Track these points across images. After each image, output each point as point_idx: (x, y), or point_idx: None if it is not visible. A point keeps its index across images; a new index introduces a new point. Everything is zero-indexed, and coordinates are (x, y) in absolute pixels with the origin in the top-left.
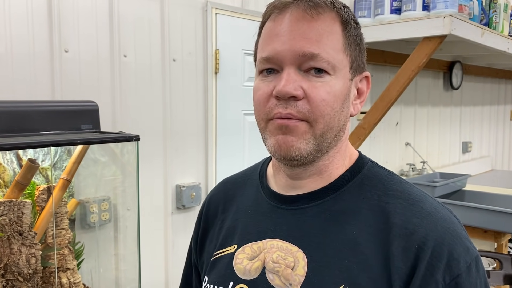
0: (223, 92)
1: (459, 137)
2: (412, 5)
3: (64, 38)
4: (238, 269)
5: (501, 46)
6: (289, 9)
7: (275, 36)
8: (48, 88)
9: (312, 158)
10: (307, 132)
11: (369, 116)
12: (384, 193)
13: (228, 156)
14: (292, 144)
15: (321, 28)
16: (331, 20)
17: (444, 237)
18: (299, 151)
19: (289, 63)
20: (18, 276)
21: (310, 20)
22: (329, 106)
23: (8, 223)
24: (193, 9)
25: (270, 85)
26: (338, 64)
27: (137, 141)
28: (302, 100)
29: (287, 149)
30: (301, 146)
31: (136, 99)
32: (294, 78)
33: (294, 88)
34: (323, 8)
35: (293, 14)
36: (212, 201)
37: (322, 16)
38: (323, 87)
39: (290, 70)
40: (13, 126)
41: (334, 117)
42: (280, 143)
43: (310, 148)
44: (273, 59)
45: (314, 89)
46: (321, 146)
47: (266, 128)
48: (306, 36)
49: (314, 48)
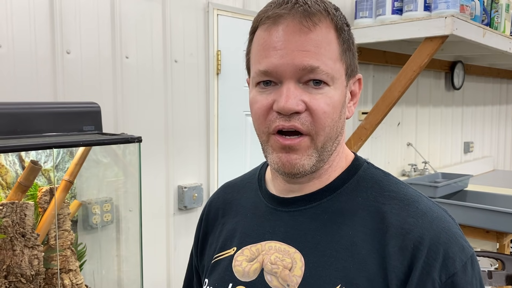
0: (224, 93)
1: (461, 137)
2: (414, 6)
3: (66, 39)
4: (237, 271)
5: (502, 46)
6: (285, 20)
7: (272, 49)
8: (50, 90)
9: (315, 169)
10: (309, 147)
11: (371, 117)
12: (380, 194)
13: (229, 157)
14: (296, 162)
15: (319, 40)
16: (326, 28)
17: (439, 236)
18: (303, 167)
19: (288, 76)
20: (21, 277)
21: (307, 32)
22: (330, 117)
23: (10, 225)
24: (195, 10)
25: (269, 98)
26: (336, 74)
27: (139, 143)
28: (305, 113)
29: (291, 167)
30: (304, 162)
31: (138, 100)
32: (294, 93)
33: (296, 103)
34: (318, 18)
35: (289, 26)
36: (213, 206)
37: (318, 27)
38: (323, 99)
39: (290, 85)
40: (15, 127)
41: (333, 127)
42: (283, 161)
43: (313, 162)
44: (271, 73)
45: (315, 101)
46: (323, 157)
47: (268, 142)
48: (305, 49)
49: (313, 61)
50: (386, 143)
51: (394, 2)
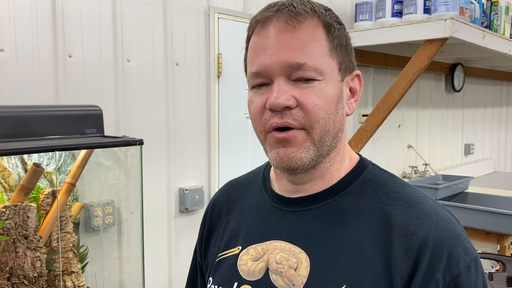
0: (225, 95)
1: (461, 139)
2: (413, 8)
3: (68, 43)
4: (242, 270)
5: (502, 48)
6: (272, 22)
7: (261, 50)
8: (52, 93)
9: (314, 163)
10: (305, 140)
11: (371, 119)
12: (385, 195)
13: (230, 159)
14: (293, 155)
15: (305, 37)
16: (313, 26)
17: (444, 238)
18: (300, 160)
19: (277, 74)
20: (24, 279)
21: (292, 30)
22: (322, 110)
23: (13, 227)
24: (196, 13)
25: (262, 98)
26: (325, 69)
27: (140, 145)
28: (296, 108)
29: (289, 161)
30: (302, 155)
31: (140, 103)
32: (284, 89)
33: (286, 98)
34: (304, 16)
35: (276, 27)
36: (217, 203)
37: (304, 24)
38: (313, 92)
39: (280, 82)
40: (18, 130)
41: (329, 119)
42: (281, 156)
43: (311, 155)
44: (262, 73)
45: (305, 95)
46: (321, 151)
47: (266, 140)
48: (291, 47)
49: (300, 57)
50: (386, 145)
51: (394, 5)
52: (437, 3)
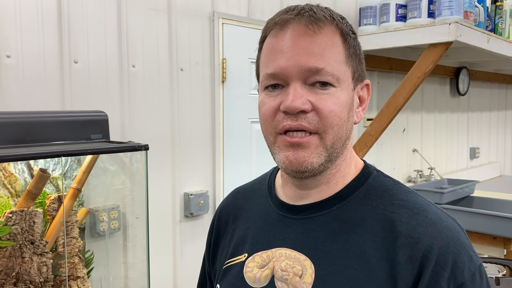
0: (230, 100)
1: (466, 143)
2: (418, 12)
3: (74, 49)
4: (248, 277)
5: (507, 52)
6: (291, 25)
7: (279, 52)
8: (58, 99)
9: (322, 168)
10: (319, 145)
11: (376, 123)
12: (389, 202)
13: (235, 164)
14: (304, 159)
15: (324, 42)
16: (332, 33)
17: (448, 246)
18: (311, 165)
19: (294, 78)
20: (30, 284)
21: (312, 35)
22: (337, 116)
23: (20, 232)
24: (200, 19)
25: (276, 100)
26: (341, 76)
27: (146, 150)
28: (311, 113)
29: (299, 164)
30: (313, 160)
31: (145, 109)
32: (301, 93)
33: (302, 102)
34: (323, 22)
35: (295, 30)
36: (223, 211)
37: (323, 30)
38: (330, 98)
39: (296, 85)
40: (24, 136)
41: (342, 127)
42: (291, 159)
43: (322, 161)
44: (278, 75)
45: (321, 101)
46: (332, 156)
47: (275, 142)
48: (310, 51)
49: (318, 62)
50: (391, 149)
51: (398, 9)
52: (442, 7)
